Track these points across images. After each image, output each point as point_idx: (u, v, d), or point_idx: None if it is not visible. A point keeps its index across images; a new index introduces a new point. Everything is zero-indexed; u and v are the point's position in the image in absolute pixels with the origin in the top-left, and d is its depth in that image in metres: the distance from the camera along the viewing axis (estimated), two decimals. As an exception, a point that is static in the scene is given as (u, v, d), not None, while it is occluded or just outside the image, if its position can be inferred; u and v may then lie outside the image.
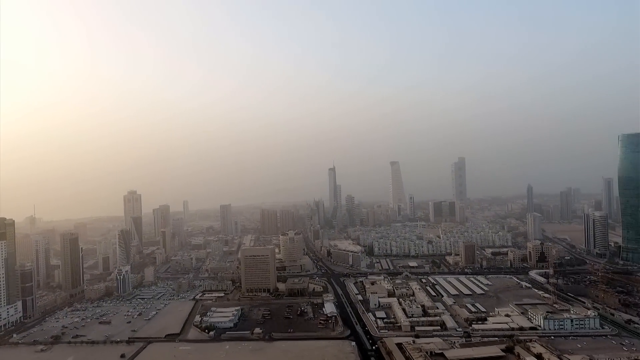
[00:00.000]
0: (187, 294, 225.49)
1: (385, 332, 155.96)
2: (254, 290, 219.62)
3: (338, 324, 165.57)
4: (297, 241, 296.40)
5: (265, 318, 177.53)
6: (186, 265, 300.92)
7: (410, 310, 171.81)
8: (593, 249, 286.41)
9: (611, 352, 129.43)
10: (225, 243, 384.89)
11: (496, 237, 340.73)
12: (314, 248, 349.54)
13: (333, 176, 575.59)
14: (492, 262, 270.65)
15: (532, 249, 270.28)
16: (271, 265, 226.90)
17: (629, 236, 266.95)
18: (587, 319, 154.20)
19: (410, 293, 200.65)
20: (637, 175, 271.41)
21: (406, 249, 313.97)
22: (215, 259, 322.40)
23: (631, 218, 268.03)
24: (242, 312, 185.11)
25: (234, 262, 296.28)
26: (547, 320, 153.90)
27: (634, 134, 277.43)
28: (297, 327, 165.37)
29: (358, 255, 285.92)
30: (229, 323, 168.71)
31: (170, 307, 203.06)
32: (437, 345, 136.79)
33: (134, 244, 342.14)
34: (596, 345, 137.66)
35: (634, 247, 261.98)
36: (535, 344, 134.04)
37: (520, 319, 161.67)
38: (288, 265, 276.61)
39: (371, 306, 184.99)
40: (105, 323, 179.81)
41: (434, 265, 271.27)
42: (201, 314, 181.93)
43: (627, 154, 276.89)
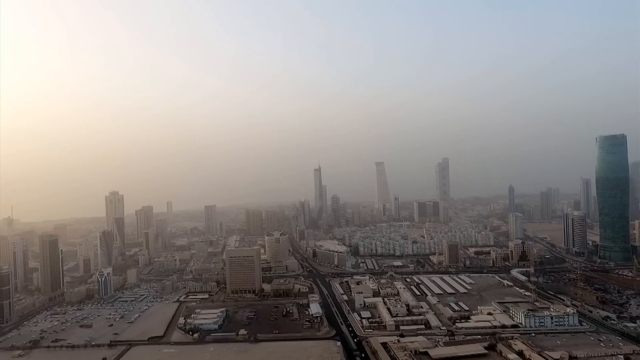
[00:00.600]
0: (171, 296, 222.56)
1: (370, 332, 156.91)
2: (239, 292, 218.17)
3: (323, 324, 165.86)
4: (282, 242, 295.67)
5: (251, 319, 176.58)
6: (170, 266, 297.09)
7: (395, 309, 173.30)
8: (572, 247, 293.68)
9: (589, 348, 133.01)
10: (209, 244, 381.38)
11: (479, 237, 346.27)
12: (300, 248, 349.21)
13: (318, 176, 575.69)
14: (475, 261, 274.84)
15: (514, 248, 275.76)
16: (256, 266, 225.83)
17: (606, 235, 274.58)
18: (566, 316, 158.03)
19: (395, 292, 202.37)
20: (614, 176, 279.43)
21: (391, 248, 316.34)
22: (199, 260, 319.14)
23: (608, 217, 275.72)
24: (227, 313, 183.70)
25: (219, 263, 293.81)
26: (528, 318, 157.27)
27: (610, 136, 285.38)
28: (282, 328, 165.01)
29: (343, 255, 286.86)
30: (213, 325, 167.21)
31: (153, 309, 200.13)
32: (421, 344, 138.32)
33: (116, 246, 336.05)
34: (575, 341, 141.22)
35: (610, 245, 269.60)
36: (516, 342, 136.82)
37: (502, 317, 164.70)
38: (273, 266, 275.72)
39: (356, 306, 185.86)
40: (86, 326, 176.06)
41: (419, 265, 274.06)
42: (185, 316, 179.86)
43: (604, 155, 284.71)
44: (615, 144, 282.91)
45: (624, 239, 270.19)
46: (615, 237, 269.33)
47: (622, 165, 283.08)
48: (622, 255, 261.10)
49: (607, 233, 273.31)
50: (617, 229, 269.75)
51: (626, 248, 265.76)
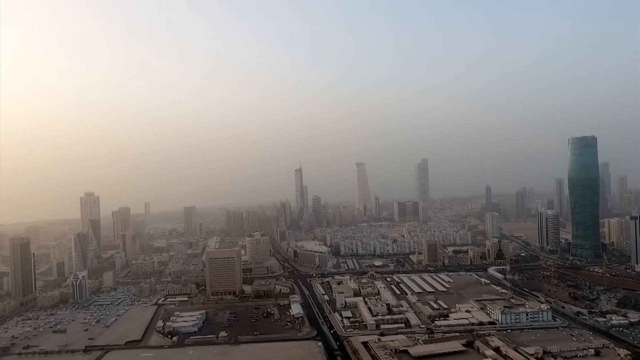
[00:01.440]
0: (149, 299, 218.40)
1: (351, 331, 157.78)
2: (220, 293, 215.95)
3: (305, 325, 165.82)
4: (263, 242, 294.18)
5: (231, 321, 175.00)
6: (148, 269, 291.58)
7: (375, 309, 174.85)
8: (546, 245, 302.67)
9: (562, 343, 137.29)
10: (189, 245, 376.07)
11: (457, 236, 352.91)
12: (281, 249, 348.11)
13: (300, 177, 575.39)
14: (453, 260, 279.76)
15: (491, 246, 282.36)
16: (237, 268, 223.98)
17: (577, 233, 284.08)
18: (540, 312, 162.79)
19: (376, 292, 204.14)
20: (585, 176, 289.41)
21: (372, 248, 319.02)
22: (178, 262, 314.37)
23: (580, 216, 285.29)
24: (207, 315, 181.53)
25: (199, 265, 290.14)
26: (504, 315, 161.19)
27: (582, 137, 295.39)
28: (263, 329, 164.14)
29: (324, 255, 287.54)
30: (193, 327, 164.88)
31: (130, 312, 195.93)
32: (401, 342, 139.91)
33: (92, 248, 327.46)
34: (549, 336, 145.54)
35: (582, 243, 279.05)
36: (493, 338, 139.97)
37: (479, 314, 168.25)
38: (254, 267, 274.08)
39: (337, 306, 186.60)
40: (60, 332, 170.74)
41: (399, 264, 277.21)
42: (164, 319, 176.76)
43: (576, 156, 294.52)
44: (586, 145, 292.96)
45: (595, 237, 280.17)
46: (586, 235, 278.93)
47: (592, 165, 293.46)
48: (592, 253, 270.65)
49: (579, 231, 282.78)
50: (588, 227, 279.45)
51: (596, 246, 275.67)
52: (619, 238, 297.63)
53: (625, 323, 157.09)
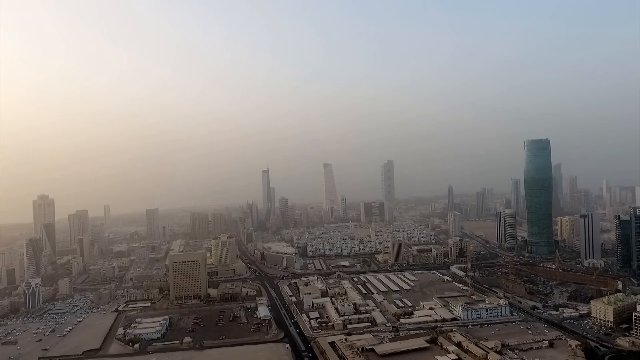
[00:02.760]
0: (109, 306, 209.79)
1: (318, 332, 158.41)
2: (184, 298, 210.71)
3: (272, 327, 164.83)
4: (229, 245, 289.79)
5: (196, 326, 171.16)
6: (107, 274, 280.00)
7: (342, 308, 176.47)
8: (504, 243, 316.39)
9: (519, 336, 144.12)
10: (151, 249, 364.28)
11: (421, 235, 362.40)
12: (248, 251, 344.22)
13: (267, 178, 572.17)
14: (417, 258, 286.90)
15: (453, 245, 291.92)
16: (202, 271, 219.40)
17: (533, 231, 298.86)
18: (499, 307, 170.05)
19: (343, 292, 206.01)
20: (539, 177, 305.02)
21: (339, 249, 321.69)
22: (140, 266, 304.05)
23: (534, 215, 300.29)
24: (171, 321, 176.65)
25: (162, 269, 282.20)
26: (466, 311, 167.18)
27: (536, 140, 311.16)
28: (229, 333, 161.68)
29: (292, 257, 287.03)
30: (155, 334, 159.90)
31: (88, 320, 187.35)
32: (367, 341, 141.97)
33: (46, 254, 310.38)
34: (507, 330, 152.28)
35: (537, 240, 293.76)
36: (455, 334, 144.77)
37: (442, 311, 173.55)
38: (220, 270, 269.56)
39: (305, 307, 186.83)
40: (10, 343, 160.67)
41: (365, 264, 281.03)
42: (124, 326, 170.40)
43: (531, 157, 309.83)
44: (541, 147, 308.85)
45: (548, 234, 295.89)
46: (540, 232, 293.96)
47: (546, 167, 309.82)
48: (546, 249, 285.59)
49: (534, 229, 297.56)
50: (542, 225, 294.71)
51: (550, 243, 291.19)
52: (570, 235, 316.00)
53: (576, 315, 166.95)
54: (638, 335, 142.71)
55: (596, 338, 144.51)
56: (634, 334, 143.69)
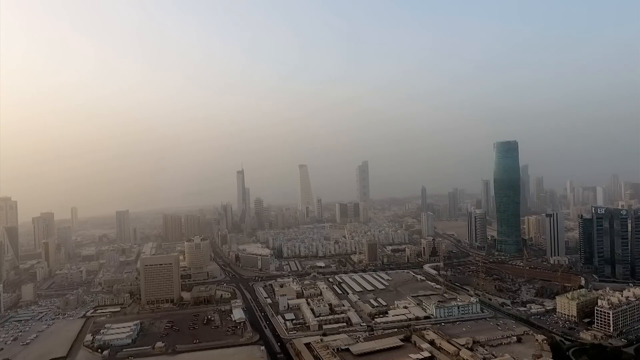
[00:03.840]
0: (76, 312, 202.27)
1: (294, 333, 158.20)
2: (156, 302, 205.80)
3: (247, 330, 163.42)
4: (203, 247, 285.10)
5: (169, 330, 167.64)
6: (75, 279, 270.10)
7: (318, 309, 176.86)
8: (475, 242, 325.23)
9: (489, 333, 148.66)
10: (122, 252, 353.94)
11: (395, 235, 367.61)
12: (222, 253, 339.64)
13: (241, 179, 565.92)
14: (392, 258, 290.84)
15: (426, 244, 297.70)
16: (175, 274, 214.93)
17: (502, 230, 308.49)
18: (470, 305, 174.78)
19: (318, 293, 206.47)
20: (508, 177, 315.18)
21: (314, 249, 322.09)
22: (110, 270, 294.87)
23: (503, 214, 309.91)
24: (142, 326, 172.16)
25: (133, 272, 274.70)
26: (438, 309, 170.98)
27: (505, 142, 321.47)
28: (203, 336, 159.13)
29: (267, 258, 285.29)
30: (126, 339, 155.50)
31: (54, 327, 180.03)
32: (343, 341, 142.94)
33: (7, 259, 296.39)
34: (478, 327, 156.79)
35: (505, 239, 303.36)
36: (429, 332, 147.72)
37: (416, 310, 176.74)
38: (194, 273, 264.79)
39: (280, 309, 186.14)
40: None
41: (340, 265, 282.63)
42: (93, 333, 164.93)
43: (500, 159, 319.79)
44: (509, 149, 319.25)
45: (517, 233, 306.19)
46: (509, 231, 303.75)
47: (514, 168, 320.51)
48: (515, 248, 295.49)
49: (503, 228, 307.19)
50: (511, 224, 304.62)
51: (518, 241, 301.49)
52: (537, 234, 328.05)
53: (542, 311, 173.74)
54: (599, 328, 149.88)
55: (561, 332, 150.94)
56: (596, 328, 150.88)
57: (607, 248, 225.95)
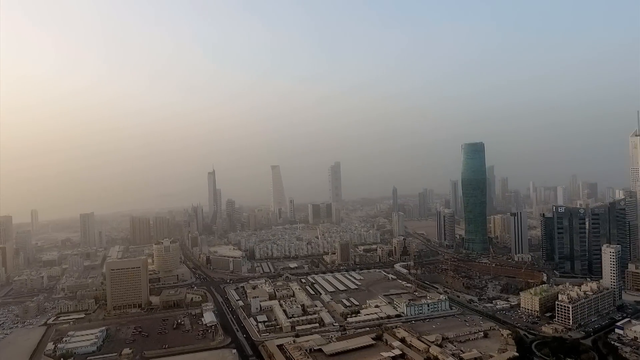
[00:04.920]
0: (37, 320, 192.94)
1: (266, 335, 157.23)
2: (123, 307, 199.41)
3: (218, 333, 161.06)
4: (172, 250, 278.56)
5: (136, 336, 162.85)
6: (35, 285, 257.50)
7: (290, 310, 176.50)
8: (444, 241, 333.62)
9: (457, 329, 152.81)
10: (86, 257, 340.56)
11: (367, 235, 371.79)
12: (192, 256, 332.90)
13: (213, 180, 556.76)
14: (364, 258, 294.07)
15: (397, 244, 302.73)
16: (143, 278, 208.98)
17: (469, 229, 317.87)
18: (439, 302, 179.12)
19: (291, 294, 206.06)
20: (475, 178, 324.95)
21: (286, 250, 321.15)
22: (73, 275, 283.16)
23: (471, 214, 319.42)
24: (108, 332, 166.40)
25: (98, 277, 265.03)
26: (409, 307, 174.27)
27: (472, 143, 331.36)
28: (173, 341, 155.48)
29: (239, 260, 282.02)
30: (91, 347, 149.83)
31: (12, 337, 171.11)
32: (315, 341, 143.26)
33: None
34: (447, 324, 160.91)
35: (473, 238, 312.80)
36: (400, 330, 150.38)
37: (387, 309, 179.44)
38: (163, 277, 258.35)
39: (252, 311, 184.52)
40: None
41: (313, 265, 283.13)
42: (55, 341, 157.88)
43: (468, 160, 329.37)
44: (476, 150, 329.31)
45: (483, 232, 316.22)
46: (476, 230, 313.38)
47: (480, 168, 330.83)
48: (481, 246, 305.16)
49: (470, 227, 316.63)
50: (478, 223, 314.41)
51: (484, 240, 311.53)
52: (502, 232, 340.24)
53: (507, 306, 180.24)
54: (560, 322, 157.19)
55: (525, 327, 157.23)
56: (557, 321, 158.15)
57: (567, 245, 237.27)
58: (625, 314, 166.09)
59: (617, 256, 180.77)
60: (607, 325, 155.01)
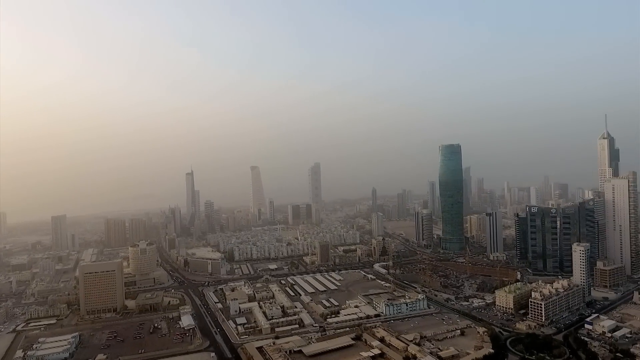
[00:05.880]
0: (5, 326, 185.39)
1: (246, 338, 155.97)
2: (97, 312, 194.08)
3: (196, 336, 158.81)
4: (149, 252, 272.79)
5: (111, 341, 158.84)
6: (3, 290, 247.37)
7: (270, 312, 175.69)
8: (422, 241, 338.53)
9: (435, 327, 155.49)
10: (58, 260, 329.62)
11: (347, 236, 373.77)
12: (170, 258, 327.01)
13: (191, 181, 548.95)
14: (343, 258, 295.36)
15: (376, 244, 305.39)
16: (118, 281, 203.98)
17: (446, 229, 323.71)
18: (417, 301, 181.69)
19: (271, 295, 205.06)
20: (452, 179, 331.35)
21: (266, 252, 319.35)
22: (44, 280, 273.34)
23: (448, 214, 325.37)
24: (81, 338, 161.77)
25: (71, 281, 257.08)
26: (388, 307, 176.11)
27: (449, 145, 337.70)
28: (149, 346, 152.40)
29: (218, 262, 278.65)
30: (63, 354, 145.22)
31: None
32: (295, 343, 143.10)
33: None
34: (425, 323, 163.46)
35: (450, 238, 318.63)
36: (379, 329, 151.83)
37: (367, 309, 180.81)
38: (139, 280, 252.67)
39: (231, 313, 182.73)
40: None
41: (293, 266, 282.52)
42: (24, 348, 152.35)
43: (445, 161, 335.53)
44: (453, 152, 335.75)
45: (460, 231, 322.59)
46: (453, 230, 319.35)
47: (457, 169, 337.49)
48: (458, 246, 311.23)
49: (447, 227, 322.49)
50: (454, 223, 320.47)
51: (461, 239, 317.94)
52: (478, 232, 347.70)
53: (483, 304, 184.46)
54: (533, 318, 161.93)
55: (500, 324, 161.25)
56: (530, 318, 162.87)
57: (539, 244, 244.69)
58: (594, 310, 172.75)
59: (586, 254, 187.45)
60: (577, 321, 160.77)
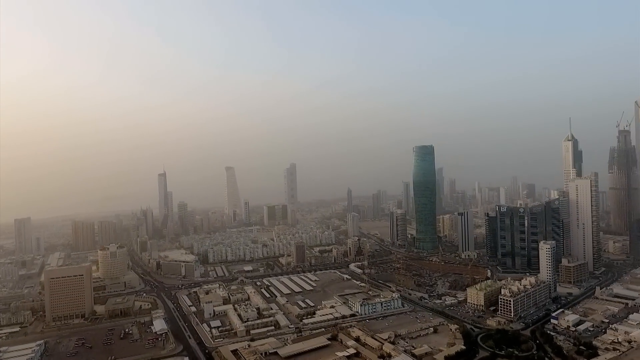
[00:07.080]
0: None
1: (220, 341, 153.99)
2: (64, 318, 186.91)
3: (169, 341, 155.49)
4: (119, 255, 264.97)
5: (79, 348, 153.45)
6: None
7: (245, 314, 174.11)
8: (396, 240, 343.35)
9: (409, 326, 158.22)
10: (22, 265, 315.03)
11: (323, 236, 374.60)
12: (141, 262, 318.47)
13: (163, 182, 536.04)
14: (319, 259, 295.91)
15: (352, 244, 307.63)
16: (86, 286, 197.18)
17: (420, 229, 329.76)
18: (392, 300, 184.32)
19: (246, 297, 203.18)
20: (425, 179, 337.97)
21: (241, 253, 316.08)
22: (7, 286, 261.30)
23: (422, 214, 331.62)
24: (46, 346, 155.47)
25: (35, 287, 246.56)
26: (363, 306, 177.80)
27: (423, 146, 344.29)
28: (120, 352, 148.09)
29: (191, 264, 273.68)
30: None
31: None
32: (271, 345, 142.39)
33: None
34: (399, 321, 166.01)
35: (424, 237, 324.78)
36: (354, 329, 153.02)
37: (342, 309, 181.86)
38: (109, 284, 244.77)
39: (206, 316, 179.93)
40: None
41: (268, 268, 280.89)
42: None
43: (419, 162, 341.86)
44: (426, 153, 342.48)
45: (433, 231, 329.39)
46: (426, 230, 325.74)
47: (431, 170, 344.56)
48: (431, 245, 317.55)
49: (421, 227, 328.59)
50: (428, 223, 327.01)
51: (434, 238, 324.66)
52: (450, 231, 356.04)
53: (455, 302, 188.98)
54: (503, 315, 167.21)
55: (471, 321, 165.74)
56: (500, 314, 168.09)
57: (508, 242, 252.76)
58: (559, 305, 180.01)
59: (552, 252, 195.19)
60: (543, 316, 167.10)
